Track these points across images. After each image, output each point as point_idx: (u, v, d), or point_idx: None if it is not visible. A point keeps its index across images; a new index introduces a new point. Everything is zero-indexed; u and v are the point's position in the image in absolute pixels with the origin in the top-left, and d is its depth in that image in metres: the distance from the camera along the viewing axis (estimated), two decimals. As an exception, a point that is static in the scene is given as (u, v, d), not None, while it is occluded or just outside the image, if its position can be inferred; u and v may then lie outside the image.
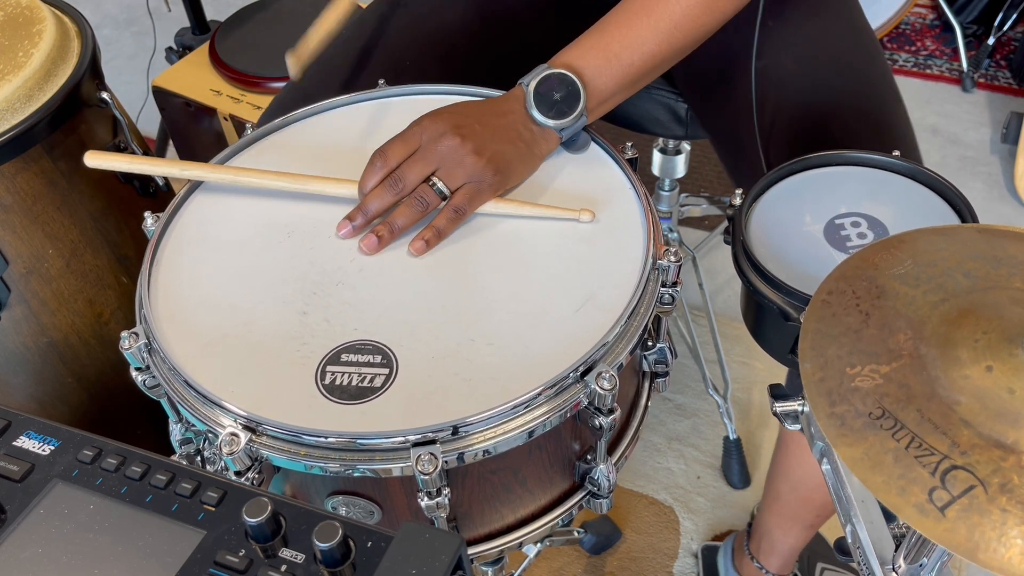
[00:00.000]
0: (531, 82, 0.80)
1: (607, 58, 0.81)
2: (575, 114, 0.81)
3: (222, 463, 0.65)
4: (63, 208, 1.04)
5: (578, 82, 0.80)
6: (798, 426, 0.66)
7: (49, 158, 1.01)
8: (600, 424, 0.66)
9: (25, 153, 0.98)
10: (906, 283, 0.53)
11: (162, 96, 1.56)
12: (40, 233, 1.02)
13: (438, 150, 0.77)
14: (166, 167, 0.90)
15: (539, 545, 1.30)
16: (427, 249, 0.75)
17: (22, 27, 1.01)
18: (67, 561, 0.49)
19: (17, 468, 0.53)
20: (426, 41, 1.03)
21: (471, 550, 0.72)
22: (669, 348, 0.78)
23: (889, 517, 0.58)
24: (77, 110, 1.02)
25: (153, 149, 1.87)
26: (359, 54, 1.02)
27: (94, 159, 0.81)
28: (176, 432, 0.76)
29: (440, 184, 0.77)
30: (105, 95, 1.06)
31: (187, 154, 1.70)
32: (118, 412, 1.19)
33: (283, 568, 0.47)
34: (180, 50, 1.96)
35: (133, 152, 1.11)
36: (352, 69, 1.00)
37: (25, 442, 0.54)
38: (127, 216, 1.12)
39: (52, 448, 0.54)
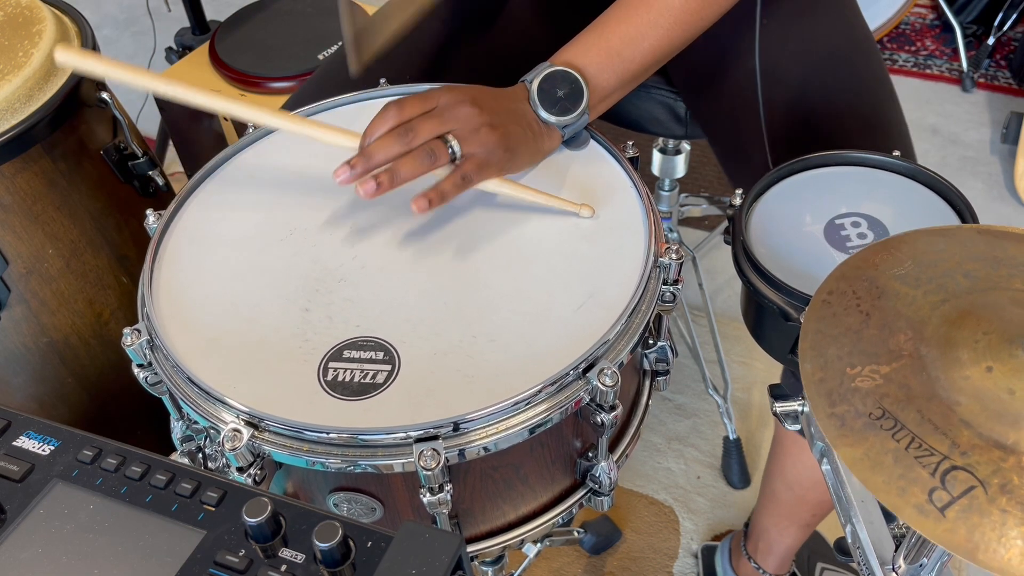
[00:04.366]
0: (534, 80, 0.80)
1: (608, 54, 0.81)
2: (578, 111, 0.81)
3: (224, 459, 0.65)
4: (63, 208, 1.04)
5: (581, 79, 0.80)
6: (797, 426, 0.66)
7: (49, 158, 1.01)
8: (602, 421, 0.66)
9: (25, 153, 0.97)
10: (906, 283, 0.53)
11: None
12: (40, 233, 1.02)
13: (456, 114, 0.76)
14: (148, 80, 0.76)
15: (539, 545, 1.30)
16: (429, 208, 0.73)
17: (22, 27, 1.01)
18: (67, 561, 0.49)
19: (17, 468, 0.53)
20: (425, 52, 1.03)
21: (472, 547, 0.73)
22: (670, 346, 0.78)
23: (889, 517, 0.58)
24: (77, 110, 1.02)
25: (153, 149, 1.86)
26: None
27: (64, 53, 0.74)
28: (177, 429, 0.76)
29: (455, 143, 0.75)
30: (105, 95, 1.06)
31: (187, 155, 1.70)
32: (118, 412, 1.19)
33: (283, 568, 0.47)
34: (180, 50, 1.96)
35: (133, 152, 1.11)
36: (354, 83, 1.00)
37: (25, 442, 0.54)
38: (127, 216, 1.12)
39: (52, 448, 0.54)
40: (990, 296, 0.51)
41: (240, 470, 0.63)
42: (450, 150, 0.75)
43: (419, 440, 0.61)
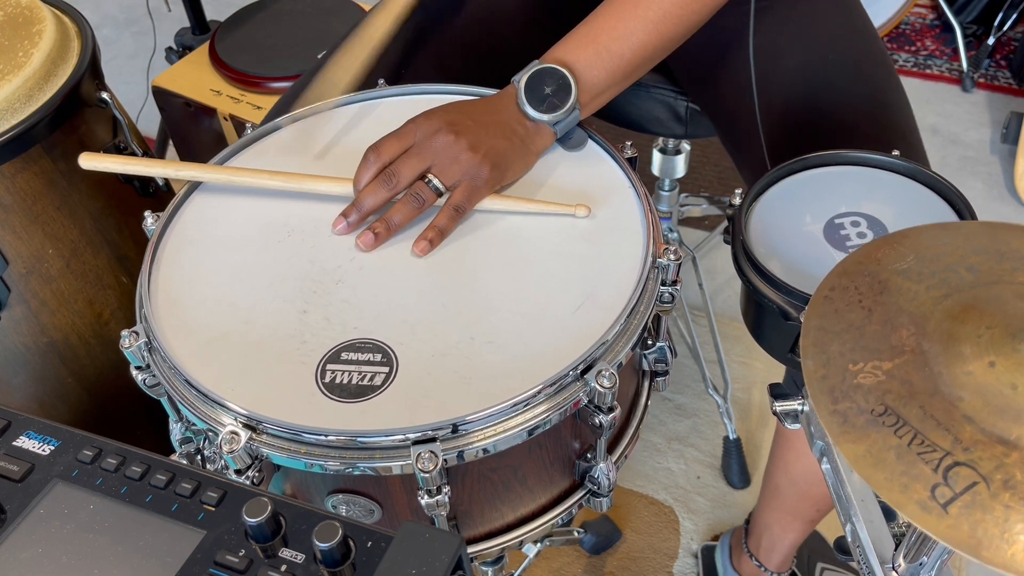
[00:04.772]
0: (522, 78, 0.81)
1: (597, 51, 0.81)
2: (567, 107, 0.81)
3: (222, 462, 0.65)
4: (63, 208, 1.04)
5: (568, 75, 0.80)
6: (797, 425, 0.66)
7: (49, 158, 1.01)
8: (600, 422, 0.66)
9: (25, 153, 0.97)
10: (909, 278, 0.53)
11: (162, 96, 1.56)
12: (40, 233, 1.02)
13: (432, 147, 0.77)
14: (160, 167, 0.90)
15: (539, 545, 1.30)
16: (431, 249, 0.75)
17: (22, 27, 1.01)
18: (67, 561, 0.49)
19: (17, 468, 0.52)
20: (422, 49, 1.03)
21: (471, 549, 0.72)
22: (669, 347, 0.78)
23: (889, 516, 0.58)
24: (77, 110, 1.02)
25: (153, 149, 1.86)
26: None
27: (89, 160, 0.81)
28: (176, 431, 0.76)
29: (436, 181, 0.77)
30: (105, 95, 1.06)
31: (187, 154, 1.70)
32: (118, 412, 1.19)
33: (283, 568, 0.47)
34: (180, 50, 1.97)
35: (133, 152, 1.11)
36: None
37: (25, 442, 0.54)
38: (127, 216, 1.12)
39: (52, 448, 0.54)
40: (993, 290, 0.50)
41: (238, 472, 0.63)
42: (432, 187, 0.77)
43: (417, 442, 0.61)
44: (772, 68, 0.93)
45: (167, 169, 0.86)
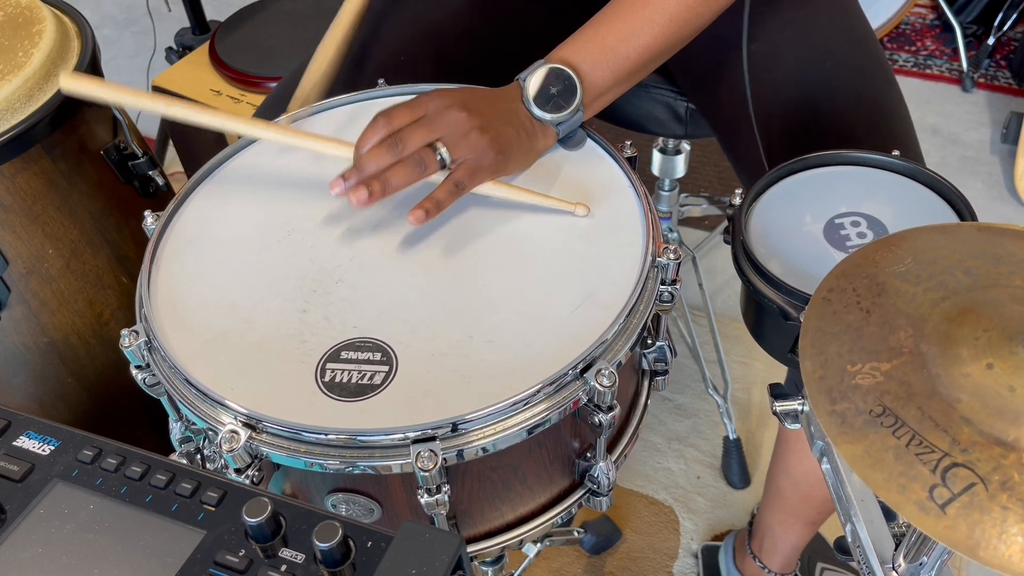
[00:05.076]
0: (528, 77, 0.80)
1: (603, 52, 0.81)
2: (572, 108, 0.81)
3: (222, 461, 0.65)
4: (63, 208, 1.04)
5: (574, 76, 0.80)
6: (798, 425, 0.66)
7: (49, 158, 1.01)
8: (600, 421, 0.66)
9: (25, 153, 0.98)
10: (907, 281, 0.53)
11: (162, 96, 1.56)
12: (40, 233, 1.03)
13: (444, 119, 0.76)
14: (149, 101, 0.81)
15: (539, 545, 1.30)
16: (426, 219, 0.74)
17: (22, 27, 1.01)
18: (67, 561, 0.49)
19: (17, 468, 0.53)
20: (422, 37, 1.03)
21: (471, 548, 0.72)
22: (668, 346, 0.78)
23: (889, 516, 0.58)
24: (77, 110, 1.02)
25: (153, 149, 1.86)
26: (354, 50, 1.02)
27: (70, 82, 0.76)
28: (176, 431, 0.76)
29: (443, 151, 0.75)
30: (105, 95, 1.06)
31: (187, 155, 1.70)
32: (118, 412, 1.19)
33: (283, 568, 0.47)
34: (180, 50, 1.97)
35: (133, 153, 1.11)
36: (346, 65, 1.00)
37: (25, 442, 0.54)
38: (127, 216, 1.12)
39: (52, 448, 0.54)
40: (990, 293, 0.51)
41: (238, 471, 0.63)
42: (439, 157, 0.76)
43: (417, 441, 0.61)
44: (768, 69, 0.93)
45: (157, 104, 0.80)
